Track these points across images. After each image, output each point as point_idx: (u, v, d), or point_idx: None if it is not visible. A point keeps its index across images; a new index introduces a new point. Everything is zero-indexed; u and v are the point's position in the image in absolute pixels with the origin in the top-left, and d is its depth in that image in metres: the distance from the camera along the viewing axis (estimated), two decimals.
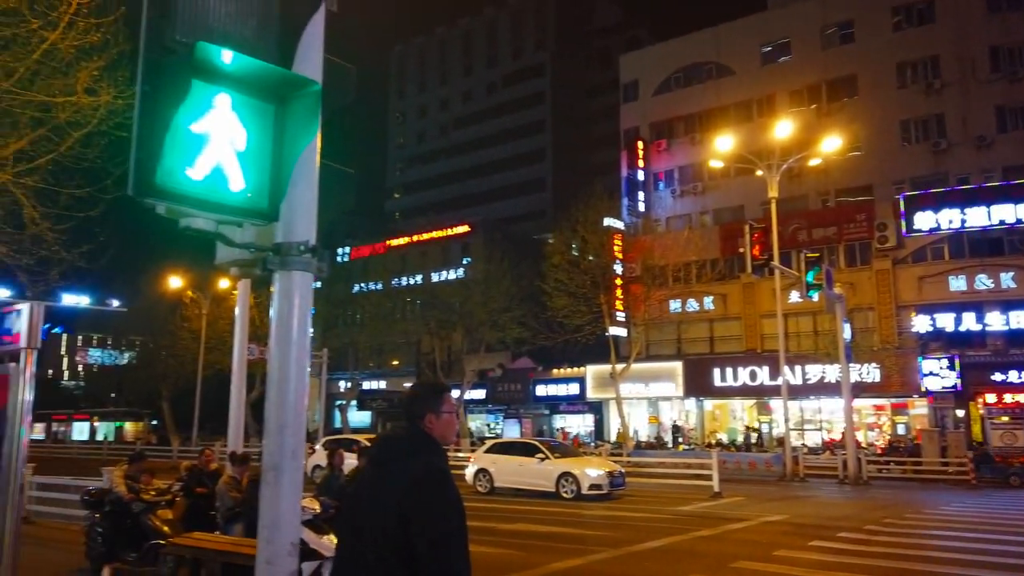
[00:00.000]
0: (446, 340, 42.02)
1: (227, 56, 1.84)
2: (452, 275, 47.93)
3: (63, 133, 14.20)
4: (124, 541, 8.85)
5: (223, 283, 43.62)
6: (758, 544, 11.62)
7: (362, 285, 47.87)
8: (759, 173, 28.32)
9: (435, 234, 54.18)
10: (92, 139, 14.53)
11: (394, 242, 55.57)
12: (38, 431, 53.00)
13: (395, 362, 51.39)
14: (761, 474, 25.88)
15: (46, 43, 12.88)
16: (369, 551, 2.50)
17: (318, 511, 7.63)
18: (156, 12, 1.83)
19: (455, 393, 39.76)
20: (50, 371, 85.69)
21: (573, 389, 40.23)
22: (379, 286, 47.39)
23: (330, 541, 7.26)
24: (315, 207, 2.26)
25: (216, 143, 1.95)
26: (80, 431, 58.21)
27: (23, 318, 5.80)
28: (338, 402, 48.54)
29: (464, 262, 49.82)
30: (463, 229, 53.14)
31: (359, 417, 50.82)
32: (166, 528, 8.78)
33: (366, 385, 50.17)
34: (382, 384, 52.44)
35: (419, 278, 49.82)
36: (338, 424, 47.20)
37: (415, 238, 55.32)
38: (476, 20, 77.63)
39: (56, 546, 11.24)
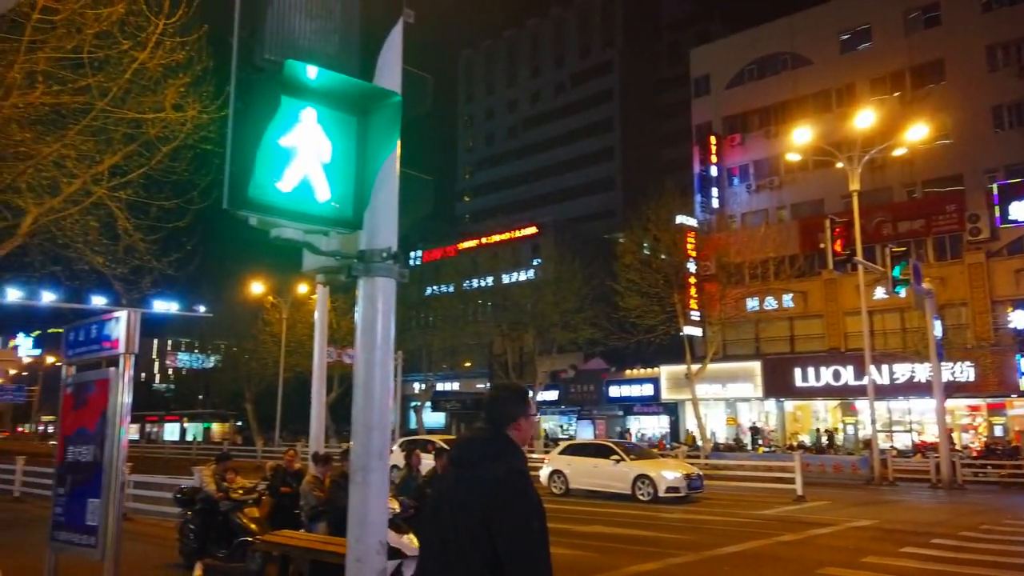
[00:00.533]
0: (518, 341, 42.17)
1: (312, 72, 1.90)
2: (523, 276, 48.07)
3: (153, 148, 14.96)
4: (214, 538, 9.23)
5: (301, 288, 45.15)
6: (845, 550, 11.20)
7: (434, 288, 48.56)
8: (839, 165, 27.32)
9: (505, 236, 54.48)
10: (179, 152, 15.27)
11: (464, 245, 56.15)
12: (133, 432, 55.88)
13: (467, 363, 51.91)
14: (847, 478, 24.93)
15: (136, 63, 13.60)
16: (452, 553, 2.55)
17: (398, 511, 7.79)
18: (246, 32, 1.91)
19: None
20: (143, 374, 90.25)
21: (647, 390, 39.74)
22: (451, 289, 47.98)
23: (410, 540, 7.40)
24: (396, 214, 2.31)
25: (303, 156, 2.02)
26: (171, 432, 61.10)
27: (121, 325, 6.12)
28: (413, 403, 49.37)
29: (534, 263, 49.92)
30: (532, 230, 53.25)
31: (433, 418, 51.59)
32: (253, 526, 9.11)
33: (439, 387, 50.84)
34: (455, 385, 53.07)
35: (490, 280, 50.20)
36: (413, 425, 48.03)
37: (485, 240, 55.75)
38: (543, 21, 77.71)
39: (152, 541, 11.79)
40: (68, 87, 13.78)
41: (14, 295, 27.38)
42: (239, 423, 54.43)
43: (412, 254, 59.10)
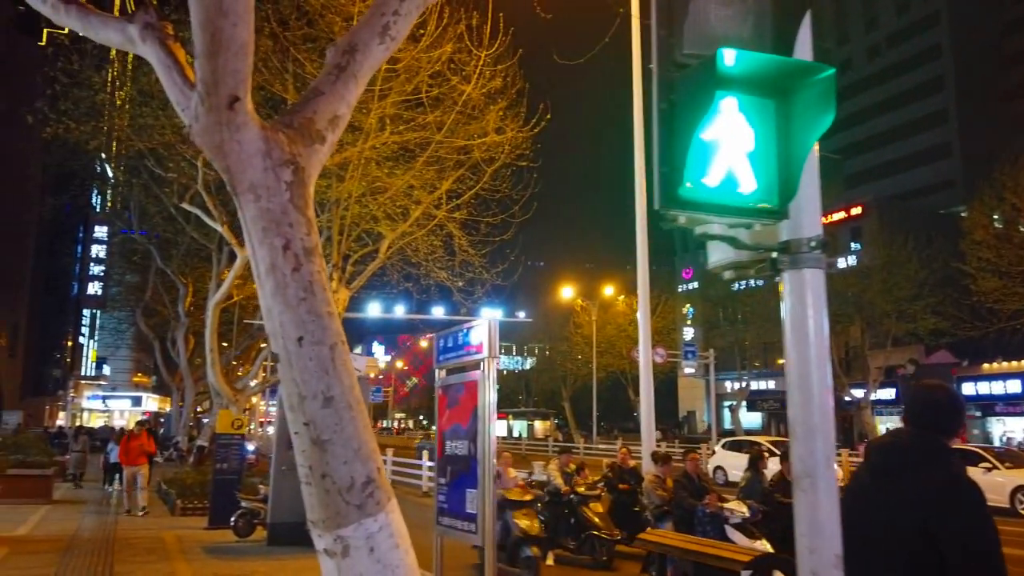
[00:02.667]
0: (842, 335, 38.64)
1: (731, 59, 1.82)
2: (843, 263, 43.94)
3: (479, 170, 16.49)
4: (563, 529, 9.75)
5: (607, 291, 46.40)
6: None
7: (741, 282, 46.61)
8: None
9: (823, 220, 50.24)
10: (499, 172, 16.64)
11: None
12: None
13: (780, 360, 48.98)
14: None
15: (464, 95, 15.09)
16: (877, 565, 2.32)
17: (747, 515, 7.49)
18: (663, 31, 1.90)
19: (857, 393, 36.27)
20: None
21: (1013, 387, 33.75)
22: (759, 282, 45.63)
23: (763, 545, 7.06)
24: (819, 200, 2.15)
25: (726, 147, 1.95)
26: (499, 428, 66.81)
27: (484, 332, 6.73)
28: (727, 403, 47.87)
29: (853, 247, 45.38)
30: (855, 211, 48.26)
31: (748, 418, 49.45)
32: (597, 519, 9.45)
33: (754, 385, 48.61)
34: (771, 384, 50.32)
35: None
36: (728, 425, 46.53)
37: None
38: None
39: None
40: (410, 125, 15.77)
41: (375, 309, 32.24)
42: (557, 421, 57.59)
43: None
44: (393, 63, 14.25)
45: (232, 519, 10.61)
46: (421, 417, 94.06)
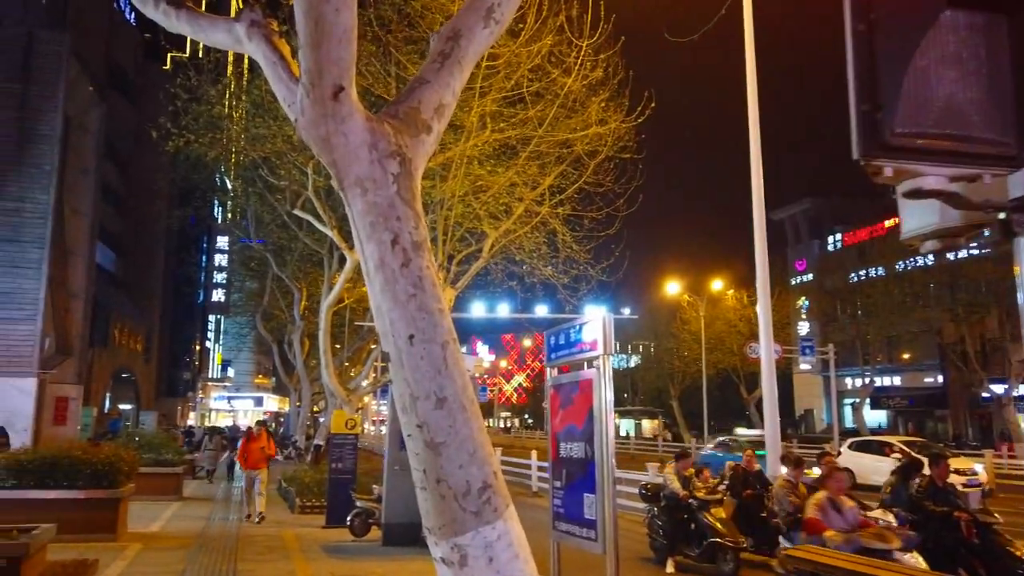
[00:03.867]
0: (978, 326, 35.69)
1: None
2: (977, 250, 40.55)
3: (581, 164, 16.13)
4: (683, 536, 9.25)
5: (716, 284, 44.81)
6: None
7: (860, 273, 43.94)
8: None
9: None
10: (603, 165, 16.21)
11: (892, 222, 49.71)
12: None
13: (905, 356, 45.78)
14: None
15: (565, 88, 14.77)
16: None
17: (893, 523, 6.79)
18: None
19: (997, 388, 33.38)
20: None
21: None
22: (881, 272, 42.80)
23: (915, 560, 6.37)
24: None
25: (947, 77, 1.55)
26: None
27: (598, 328, 6.40)
28: (848, 400, 45.28)
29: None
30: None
31: (872, 416, 46.56)
32: (719, 526, 8.90)
33: (878, 381, 45.76)
34: (896, 380, 47.23)
35: (930, 258, 43.43)
36: (849, 424, 43.95)
37: None
38: None
39: (622, 534, 12.44)
40: (511, 122, 15.61)
41: (478, 309, 32.39)
42: (666, 420, 56.27)
43: (830, 238, 54.58)
44: (492, 59, 14.12)
45: (348, 519, 10.74)
46: (527, 416, 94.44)
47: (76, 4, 31.52)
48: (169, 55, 50.07)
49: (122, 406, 42.76)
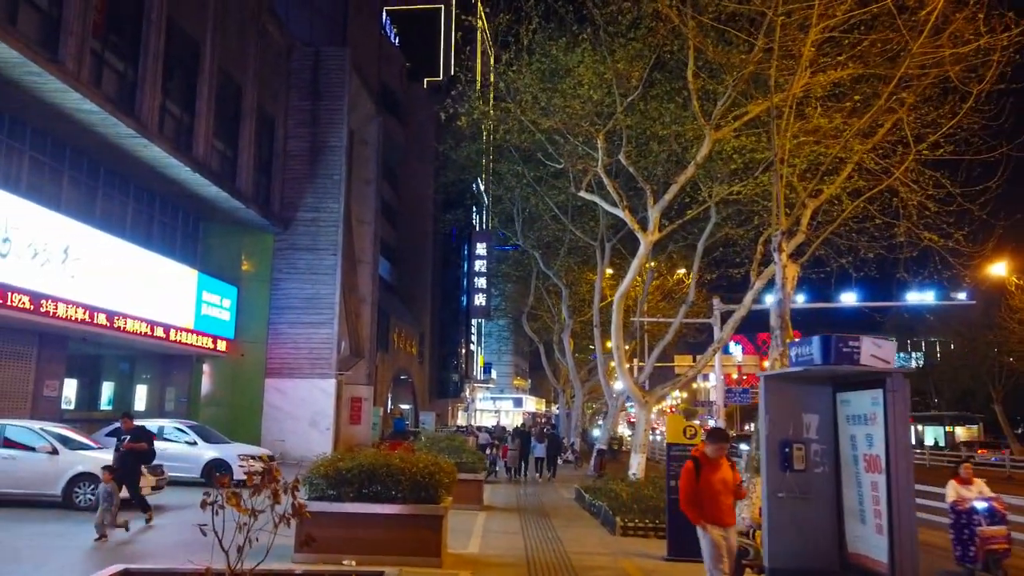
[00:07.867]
0: None
1: None
2: None
3: (948, 99, 12.51)
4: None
5: None
6: None
7: None
8: None
9: None
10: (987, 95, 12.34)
11: None
12: None
13: None
14: None
15: None
16: None
17: None
18: None
19: None
20: None
21: None
22: None
23: None
24: None
25: None
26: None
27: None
28: None
29: None
30: None
31: None
32: None
33: None
34: None
35: None
36: None
37: None
38: None
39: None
40: (852, 53, 12.47)
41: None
42: (983, 425, 47.36)
43: None
44: None
45: None
46: None
47: (352, 25, 33.34)
48: (426, 80, 52.89)
49: (402, 406, 45.06)
